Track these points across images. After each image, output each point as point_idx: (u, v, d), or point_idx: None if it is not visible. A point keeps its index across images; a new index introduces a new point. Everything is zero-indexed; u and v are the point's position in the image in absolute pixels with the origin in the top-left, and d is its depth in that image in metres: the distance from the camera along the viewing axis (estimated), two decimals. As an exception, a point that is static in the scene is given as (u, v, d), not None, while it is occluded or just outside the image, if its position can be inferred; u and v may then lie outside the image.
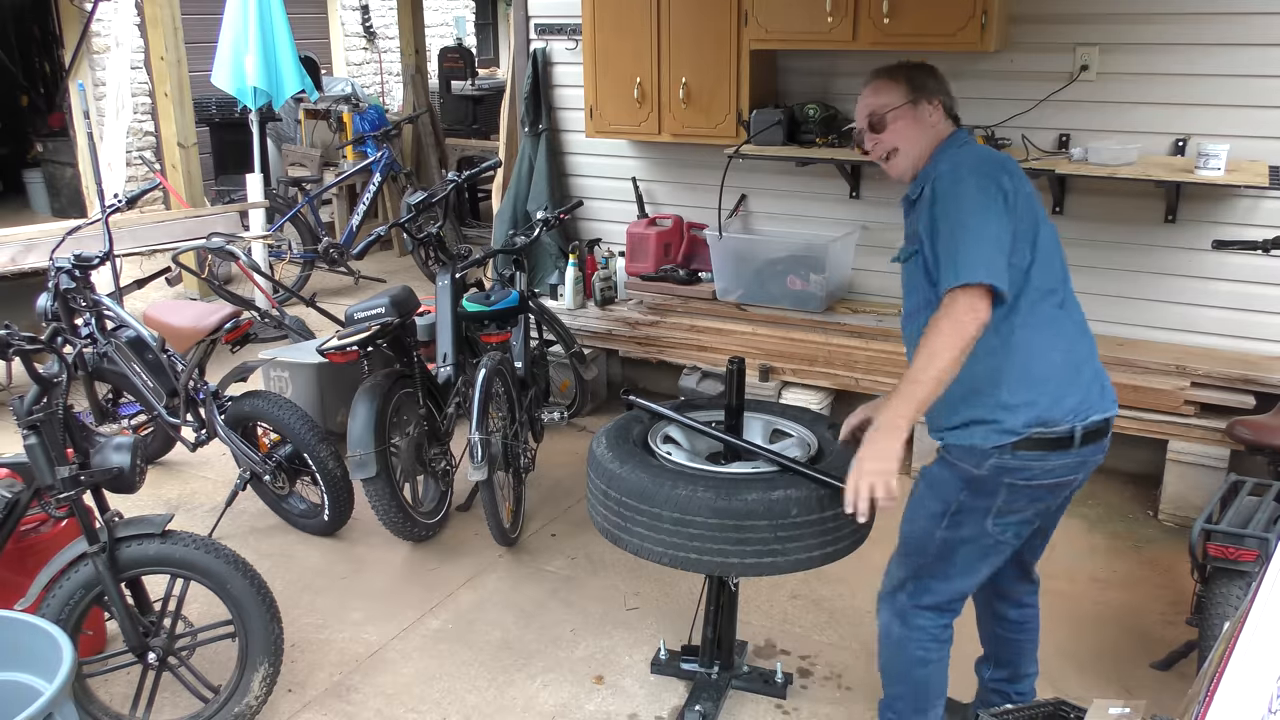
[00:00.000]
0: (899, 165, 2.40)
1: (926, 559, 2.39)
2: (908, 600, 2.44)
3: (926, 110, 2.36)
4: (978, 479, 2.26)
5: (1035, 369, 2.23)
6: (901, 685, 2.50)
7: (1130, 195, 4.31)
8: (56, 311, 3.92)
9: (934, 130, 2.37)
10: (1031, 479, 2.25)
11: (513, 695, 3.01)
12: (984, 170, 2.22)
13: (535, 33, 5.65)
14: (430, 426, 3.84)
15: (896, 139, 2.38)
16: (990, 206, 2.17)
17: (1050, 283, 2.28)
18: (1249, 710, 1.30)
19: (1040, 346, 2.24)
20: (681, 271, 5.29)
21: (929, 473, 2.39)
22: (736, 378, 2.76)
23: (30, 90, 10.26)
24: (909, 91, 2.36)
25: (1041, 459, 2.24)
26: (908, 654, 2.45)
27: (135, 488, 2.69)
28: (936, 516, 2.34)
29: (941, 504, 2.33)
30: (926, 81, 2.38)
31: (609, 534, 2.65)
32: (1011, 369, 2.23)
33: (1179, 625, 3.20)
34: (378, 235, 4.54)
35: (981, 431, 2.24)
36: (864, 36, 4.38)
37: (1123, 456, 4.31)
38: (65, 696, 2.06)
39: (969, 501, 2.29)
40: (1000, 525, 2.30)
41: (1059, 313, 2.29)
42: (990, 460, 2.24)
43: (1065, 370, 2.26)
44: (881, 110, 2.37)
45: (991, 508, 2.28)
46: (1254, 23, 3.99)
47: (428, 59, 8.99)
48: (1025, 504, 2.29)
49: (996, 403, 2.23)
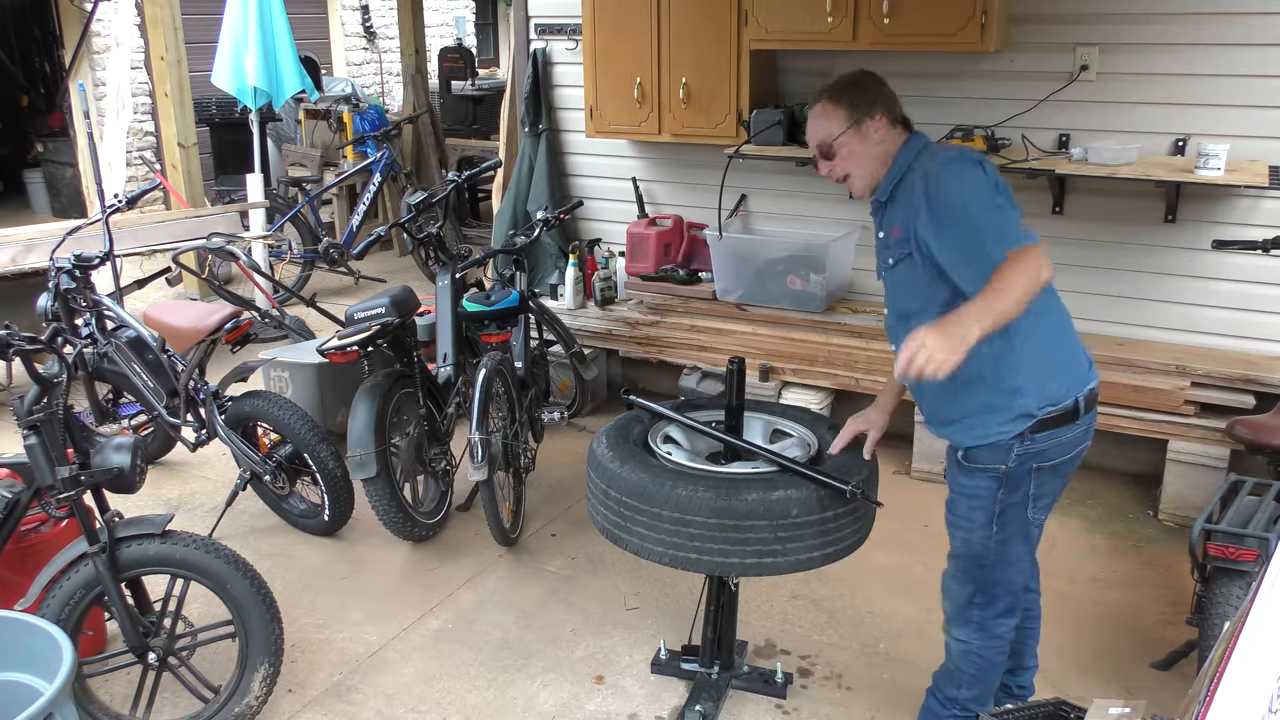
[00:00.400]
0: (856, 185, 2.46)
1: (988, 568, 2.45)
2: (981, 613, 2.50)
3: (871, 129, 2.39)
4: (1009, 474, 2.34)
5: (1039, 352, 2.31)
6: (977, 687, 2.56)
7: (1130, 195, 4.31)
8: (57, 311, 3.92)
9: (882, 146, 2.40)
10: (1053, 459, 2.35)
11: (513, 695, 3.01)
12: (975, 158, 2.27)
13: (535, 33, 5.65)
14: (430, 426, 3.84)
15: (848, 164, 2.42)
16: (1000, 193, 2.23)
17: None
18: (1250, 710, 1.30)
19: (1039, 330, 2.31)
20: (681, 271, 5.29)
21: (960, 485, 2.44)
22: (736, 378, 2.77)
23: (30, 90, 10.26)
24: (850, 114, 2.40)
25: (1057, 436, 2.33)
26: (989, 661, 2.53)
27: (135, 488, 2.69)
28: (987, 526, 2.40)
29: (986, 513, 2.39)
30: (866, 97, 2.41)
31: (609, 534, 2.66)
32: (1018, 355, 2.29)
33: (1179, 625, 3.20)
34: (378, 235, 4.55)
35: (997, 421, 2.31)
36: (864, 36, 4.38)
37: (1123, 456, 4.31)
38: (65, 697, 2.06)
39: (1007, 498, 2.37)
40: (1036, 511, 2.41)
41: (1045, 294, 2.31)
42: (1014, 451, 2.32)
43: (1061, 348, 2.36)
44: (828, 139, 2.42)
45: (1028, 497, 2.37)
46: (1254, 23, 3.99)
47: (428, 59, 8.99)
48: (1053, 483, 2.40)
49: (1008, 388, 2.29)
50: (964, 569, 2.49)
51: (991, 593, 2.47)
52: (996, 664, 2.55)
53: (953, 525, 2.49)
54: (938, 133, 4.50)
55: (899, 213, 2.36)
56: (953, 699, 2.59)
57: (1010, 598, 2.49)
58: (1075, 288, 4.51)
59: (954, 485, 2.46)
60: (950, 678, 2.59)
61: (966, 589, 2.50)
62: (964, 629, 2.53)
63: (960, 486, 2.43)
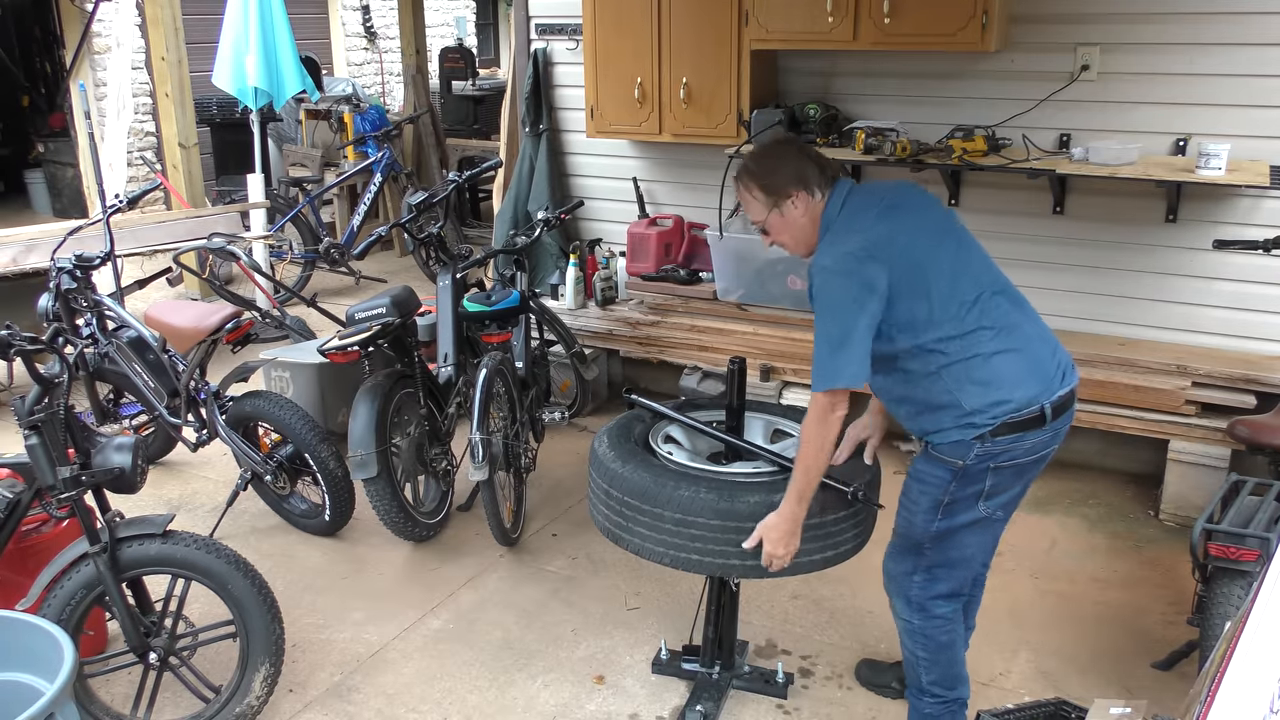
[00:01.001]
0: (797, 250, 2.56)
1: (927, 551, 2.49)
2: (921, 593, 2.55)
3: (790, 206, 2.47)
4: (965, 470, 2.39)
5: (985, 376, 2.35)
6: (935, 670, 2.60)
7: (1131, 195, 4.31)
8: (58, 312, 3.92)
9: (805, 218, 2.49)
10: (1015, 459, 2.39)
11: (514, 695, 3.01)
12: (847, 270, 2.34)
13: (536, 33, 5.65)
14: (431, 426, 3.84)
15: (779, 237, 2.54)
16: (853, 310, 2.32)
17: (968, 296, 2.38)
18: (1251, 710, 1.30)
19: (981, 360, 2.35)
20: (682, 271, 5.29)
21: (917, 470, 2.49)
22: (737, 378, 2.77)
23: (31, 90, 10.27)
24: (769, 199, 2.49)
25: (1020, 440, 2.37)
26: (934, 640, 2.56)
27: (136, 488, 2.69)
28: (930, 511, 2.45)
29: (932, 499, 2.44)
30: (778, 181, 2.47)
31: (610, 534, 2.66)
32: (961, 385, 2.36)
33: (1180, 625, 3.20)
34: (378, 235, 4.55)
35: (958, 430, 2.37)
36: (864, 36, 4.38)
37: (1124, 456, 4.31)
38: (66, 697, 2.06)
39: (958, 491, 2.41)
40: (991, 505, 2.44)
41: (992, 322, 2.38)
42: (974, 451, 2.36)
43: (1021, 364, 2.38)
44: (759, 222, 2.54)
45: (981, 492, 2.41)
46: (1254, 22, 3.99)
47: (428, 59, 9.00)
48: (1012, 481, 2.44)
49: (960, 412, 2.37)
50: (902, 547, 2.57)
51: (933, 573, 2.52)
52: (945, 644, 2.57)
53: (900, 505, 2.55)
54: (938, 133, 4.51)
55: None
56: (920, 689, 2.64)
57: (954, 583, 2.54)
58: (1076, 288, 4.52)
59: (913, 469, 2.52)
60: (911, 668, 2.64)
61: (903, 565, 2.57)
62: (902, 605, 2.59)
63: (916, 471, 2.50)
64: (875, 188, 2.59)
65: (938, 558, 2.50)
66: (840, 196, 2.47)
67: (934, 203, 2.54)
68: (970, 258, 2.45)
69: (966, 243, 2.48)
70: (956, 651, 2.61)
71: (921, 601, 2.55)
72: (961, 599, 2.60)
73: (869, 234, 2.38)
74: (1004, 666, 3.11)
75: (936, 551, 2.49)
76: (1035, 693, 2.96)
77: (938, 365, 2.36)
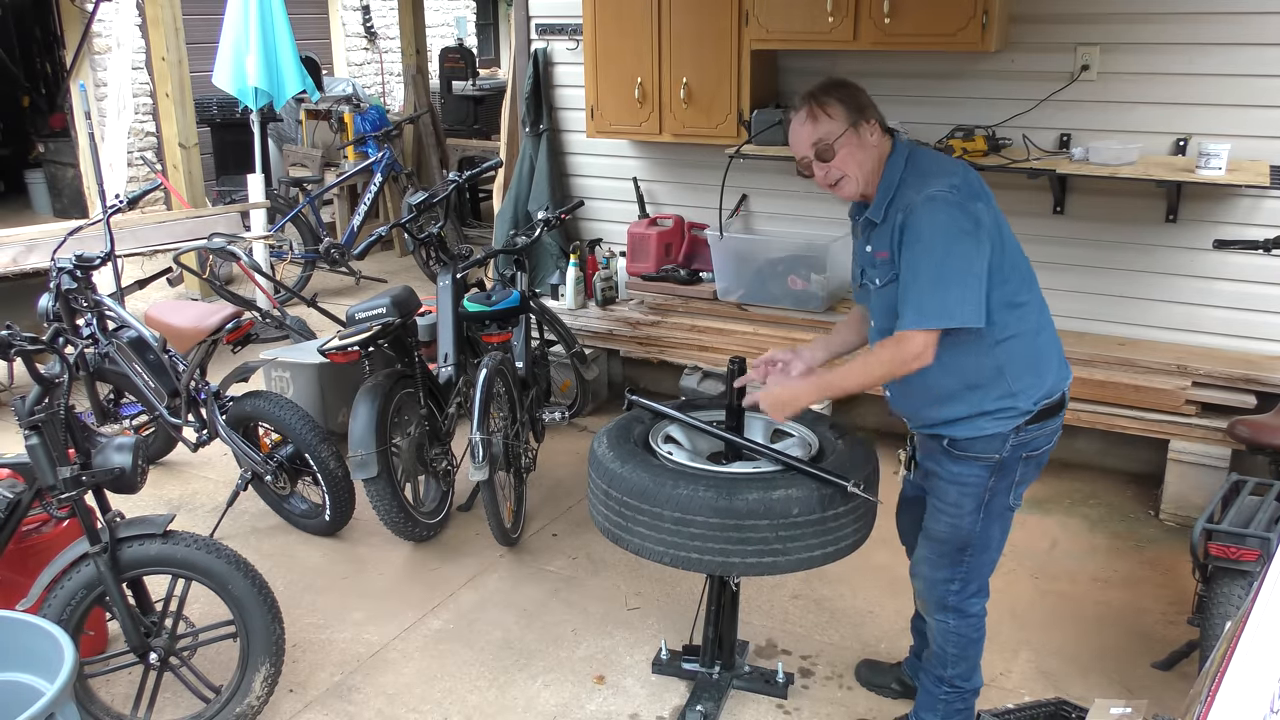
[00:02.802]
0: (848, 189, 2.43)
1: (970, 553, 2.51)
2: (958, 597, 2.56)
3: (867, 131, 2.38)
4: (1001, 463, 2.40)
5: (1032, 355, 2.38)
6: (962, 664, 2.62)
7: (1131, 195, 4.31)
8: (58, 312, 3.92)
9: (877, 150, 2.40)
10: (1039, 447, 2.44)
11: (514, 695, 3.01)
12: (958, 201, 2.26)
13: (536, 33, 5.65)
14: (431, 426, 3.84)
15: (846, 165, 2.39)
16: (969, 243, 2.24)
17: (1021, 276, 2.39)
18: (1251, 710, 1.30)
19: (1030, 335, 2.38)
20: (682, 271, 5.29)
21: (952, 473, 2.45)
22: (737, 378, 2.76)
23: (32, 91, 10.27)
24: (849, 115, 2.37)
25: (1045, 426, 2.42)
26: (966, 638, 2.59)
27: (137, 488, 2.69)
28: (975, 512, 2.46)
29: (976, 500, 2.44)
30: (858, 101, 2.40)
31: (610, 534, 2.66)
32: (1014, 362, 2.35)
33: (1180, 625, 3.20)
34: (379, 235, 4.55)
35: (994, 422, 2.37)
36: (865, 36, 4.38)
37: (1124, 456, 4.31)
38: (67, 697, 2.06)
39: (995, 485, 2.43)
40: (1016, 496, 2.48)
41: (1032, 296, 2.42)
42: (1010, 442, 2.38)
43: (1050, 346, 2.44)
44: (828, 139, 2.37)
45: (1012, 484, 2.45)
46: (1254, 22, 3.99)
47: (429, 59, 8.99)
48: (1035, 471, 2.49)
49: (1003, 392, 2.35)
50: (944, 554, 2.53)
51: (967, 577, 2.54)
52: (975, 640, 2.61)
53: (939, 512, 2.51)
54: (938, 133, 4.51)
55: (887, 236, 2.36)
56: (940, 678, 2.65)
57: (986, 579, 2.57)
58: (1076, 288, 4.52)
59: (943, 473, 2.47)
60: (937, 659, 2.66)
61: (941, 573, 2.55)
62: (941, 612, 2.59)
63: (950, 474, 2.45)
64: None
65: (974, 559, 2.51)
66: (905, 149, 2.40)
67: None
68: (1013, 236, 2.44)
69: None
70: (982, 645, 2.64)
71: (959, 604, 2.56)
72: (988, 594, 2.60)
73: (969, 174, 2.33)
74: (1004, 666, 3.11)
75: (979, 552, 2.50)
76: (1036, 693, 2.96)
77: (999, 336, 2.31)
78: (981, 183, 2.36)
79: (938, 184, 2.28)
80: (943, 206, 2.25)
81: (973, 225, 2.25)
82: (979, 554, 2.51)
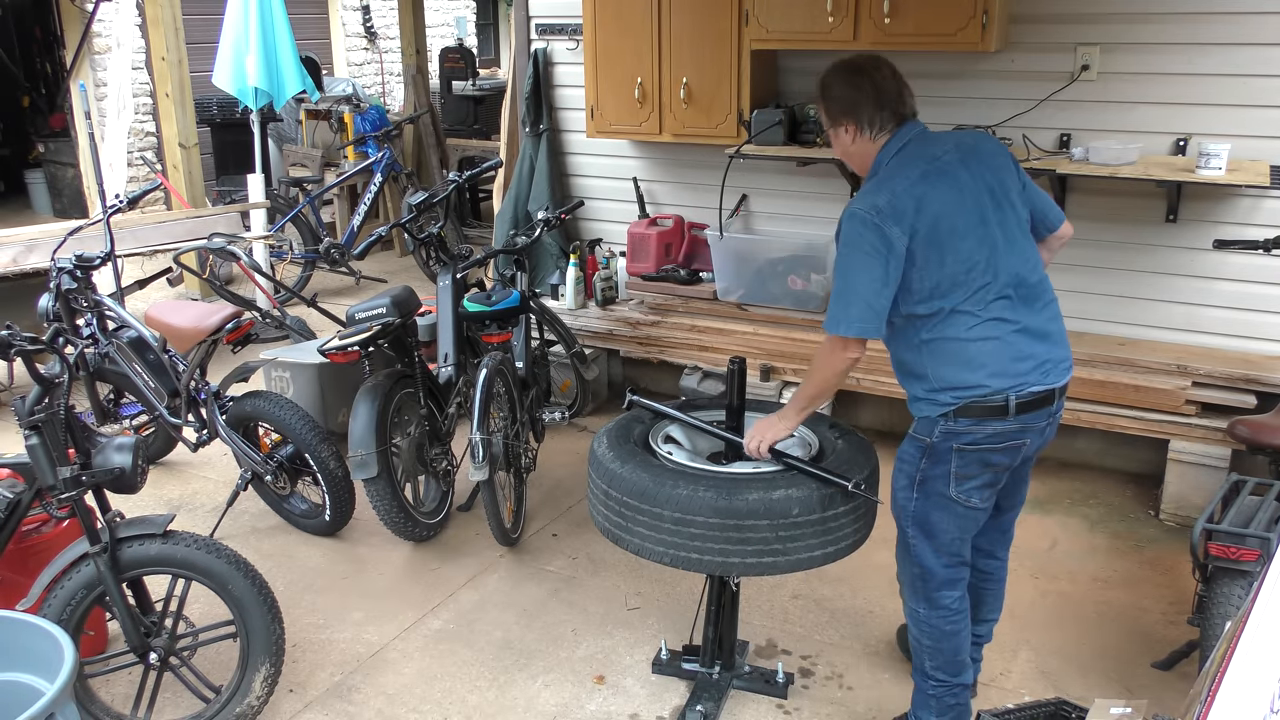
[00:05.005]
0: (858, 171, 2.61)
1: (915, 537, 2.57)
2: (925, 585, 2.61)
3: (841, 133, 2.53)
4: (932, 447, 2.47)
5: (962, 358, 2.42)
6: (939, 657, 2.64)
7: (1131, 195, 4.31)
8: (58, 312, 3.92)
9: (855, 149, 2.54)
10: (975, 442, 2.44)
11: (514, 695, 3.01)
12: (875, 223, 2.35)
13: (536, 33, 5.65)
14: (431, 426, 3.84)
15: (837, 152, 2.62)
16: (875, 261, 2.35)
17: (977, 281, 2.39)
18: (1251, 710, 1.30)
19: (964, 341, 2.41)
20: (682, 271, 5.29)
21: (900, 449, 2.60)
22: (737, 377, 2.77)
23: (32, 91, 10.26)
24: (827, 119, 2.57)
25: (980, 424, 2.42)
26: (940, 630, 2.62)
27: (137, 488, 2.69)
28: (908, 488, 2.55)
29: (908, 476, 2.55)
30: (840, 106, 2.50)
31: (610, 534, 2.66)
32: (935, 362, 2.45)
33: (1180, 625, 3.20)
34: (379, 235, 4.54)
35: (928, 406, 2.48)
36: (865, 36, 4.38)
37: (1124, 456, 4.32)
38: (67, 697, 2.06)
39: (929, 470, 2.50)
40: (962, 491, 2.49)
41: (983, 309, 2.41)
42: (938, 428, 2.45)
43: (997, 357, 2.41)
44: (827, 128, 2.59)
45: (949, 473, 2.47)
46: (1254, 22, 3.99)
47: (429, 59, 8.99)
48: (977, 468, 2.47)
49: (927, 386, 2.47)
50: (899, 534, 2.63)
51: (925, 565, 2.59)
52: (949, 633, 2.62)
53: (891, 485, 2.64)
54: (938, 133, 4.50)
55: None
56: (924, 673, 2.68)
57: (944, 571, 2.59)
58: (1076, 287, 4.51)
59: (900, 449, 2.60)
60: (916, 653, 2.69)
61: (900, 555, 2.67)
62: (914, 597, 2.65)
63: (899, 450, 2.59)
64: (939, 139, 2.50)
65: (922, 546, 2.56)
66: (900, 141, 2.46)
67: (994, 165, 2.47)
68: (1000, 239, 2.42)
69: (1009, 219, 2.45)
70: (960, 640, 2.64)
71: (928, 593, 2.60)
72: (959, 586, 2.62)
73: (902, 196, 2.37)
74: (1004, 666, 3.11)
75: (918, 536, 2.56)
76: (1036, 693, 2.96)
77: (925, 338, 2.44)
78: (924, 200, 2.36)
79: (864, 201, 2.41)
80: (858, 225, 2.38)
81: (884, 247, 2.35)
82: (922, 538, 2.55)
